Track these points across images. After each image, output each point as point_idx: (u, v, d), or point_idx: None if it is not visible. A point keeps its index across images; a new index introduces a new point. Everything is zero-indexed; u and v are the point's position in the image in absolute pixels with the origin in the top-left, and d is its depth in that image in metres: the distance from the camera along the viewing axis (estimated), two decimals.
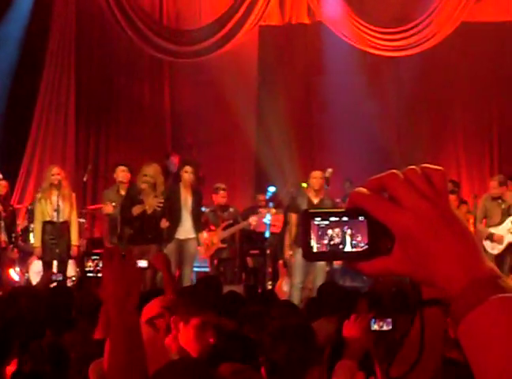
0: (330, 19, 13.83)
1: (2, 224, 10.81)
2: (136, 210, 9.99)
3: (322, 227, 1.13)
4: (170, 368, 2.75)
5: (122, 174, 10.83)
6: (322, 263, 9.93)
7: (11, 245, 11.02)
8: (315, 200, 10.20)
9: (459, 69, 14.41)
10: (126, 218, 10.08)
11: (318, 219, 1.14)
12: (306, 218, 1.15)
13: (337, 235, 1.13)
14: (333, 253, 1.14)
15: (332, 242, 1.13)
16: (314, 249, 1.14)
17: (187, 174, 10.51)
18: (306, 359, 3.27)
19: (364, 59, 14.18)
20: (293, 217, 10.26)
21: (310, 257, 1.15)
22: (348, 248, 1.13)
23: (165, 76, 15.28)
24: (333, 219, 1.14)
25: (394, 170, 1.09)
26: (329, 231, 1.13)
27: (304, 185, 10.77)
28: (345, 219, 1.13)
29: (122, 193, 10.70)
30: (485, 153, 14.84)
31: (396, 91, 14.75)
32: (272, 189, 12.40)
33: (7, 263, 11.01)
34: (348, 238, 1.13)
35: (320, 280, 9.74)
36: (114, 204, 10.57)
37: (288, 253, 10.52)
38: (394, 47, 14.09)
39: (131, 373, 2.31)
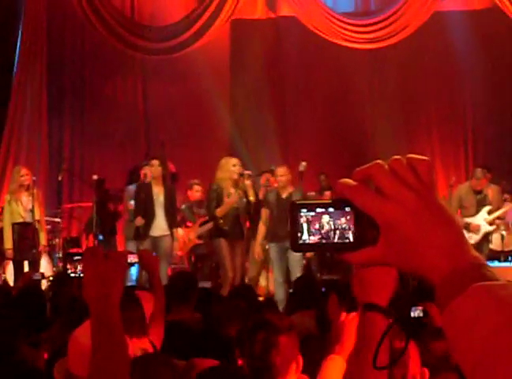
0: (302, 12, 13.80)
1: None
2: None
3: (309, 218, 1.14)
4: (137, 361, 2.74)
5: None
6: (298, 255, 9.95)
7: None
8: (284, 195, 10.13)
9: (432, 59, 14.42)
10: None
11: (305, 210, 1.14)
12: (293, 209, 1.15)
13: (324, 226, 1.13)
14: (321, 244, 1.14)
15: (318, 233, 1.14)
16: (302, 241, 1.14)
17: (154, 167, 10.39)
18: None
19: (338, 52, 14.14)
20: (264, 213, 10.19)
21: (297, 248, 1.16)
22: (334, 239, 1.13)
23: (138, 72, 15.22)
24: (319, 210, 1.14)
25: (379, 161, 1.10)
26: (316, 222, 1.14)
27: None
28: (332, 209, 1.13)
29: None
30: (459, 144, 14.89)
31: (369, 83, 14.78)
32: None
33: None
34: (334, 229, 1.13)
35: (296, 273, 9.72)
36: (132, 202, 10.62)
37: (258, 249, 10.35)
38: (367, 39, 14.07)
39: (113, 371, 2.28)
